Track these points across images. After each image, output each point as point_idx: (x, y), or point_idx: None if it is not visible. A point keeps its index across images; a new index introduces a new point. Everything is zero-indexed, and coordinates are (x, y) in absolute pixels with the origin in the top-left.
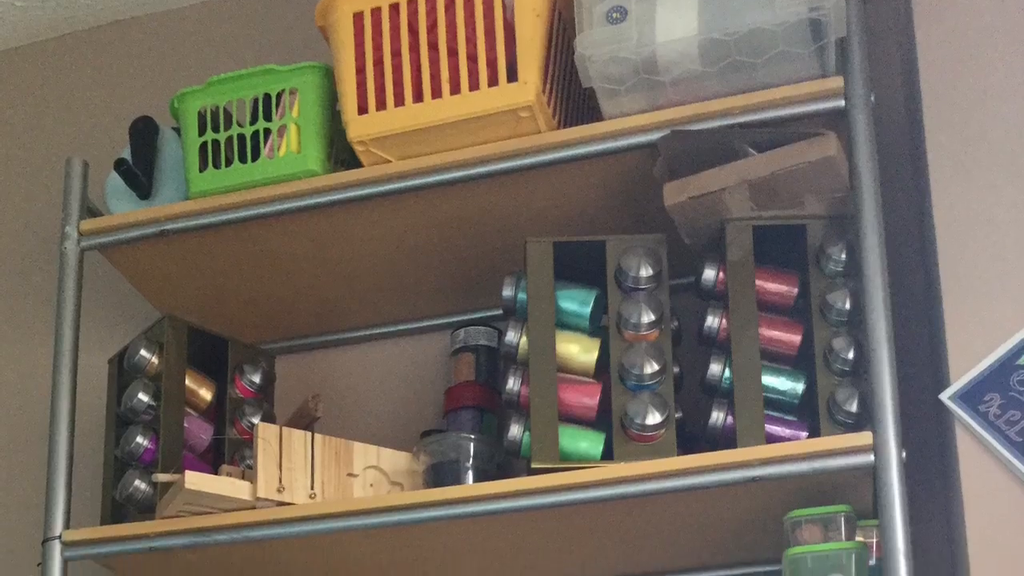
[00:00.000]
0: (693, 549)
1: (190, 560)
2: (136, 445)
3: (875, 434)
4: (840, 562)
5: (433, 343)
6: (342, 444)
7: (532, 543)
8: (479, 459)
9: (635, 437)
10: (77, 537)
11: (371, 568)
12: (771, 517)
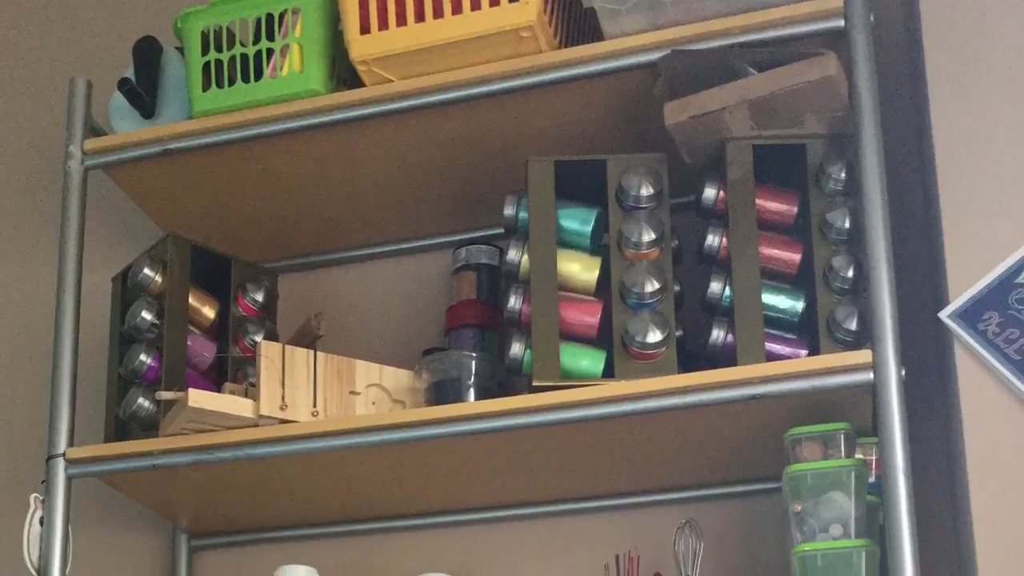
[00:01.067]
0: (693, 466)
1: (193, 477)
2: (139, 363)
3: (874, 352)
4: (840, 479)
5: (435, 262)
6: (344, 362)
7: (533, 460)
8: (480, 377)
9: (636, 355)
10: (81, 455)
11: (373, 485)
12: (771, 435)
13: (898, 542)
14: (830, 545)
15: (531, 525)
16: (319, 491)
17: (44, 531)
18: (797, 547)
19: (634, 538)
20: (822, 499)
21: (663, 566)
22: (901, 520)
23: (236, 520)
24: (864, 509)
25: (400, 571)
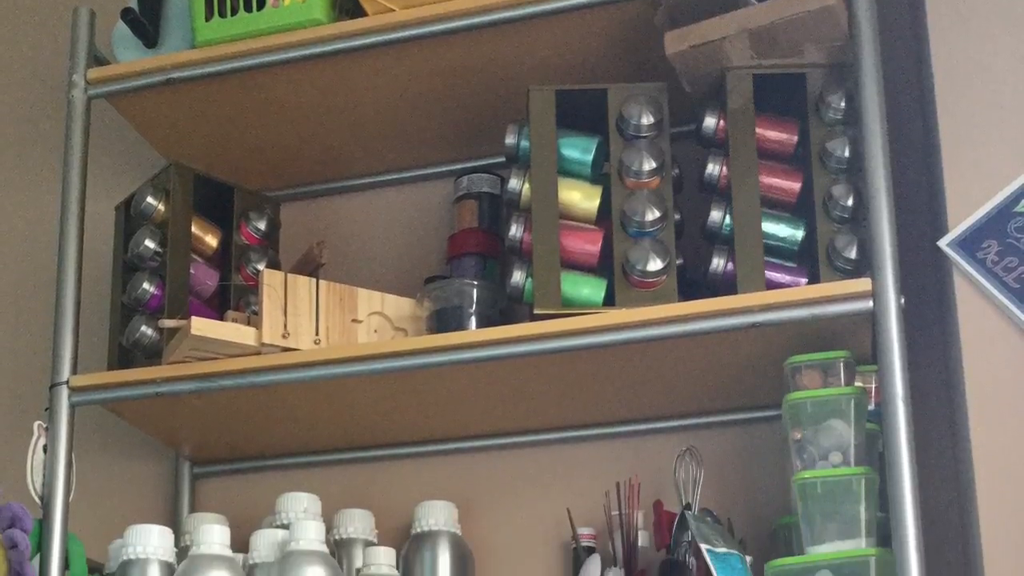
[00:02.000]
0: (694, 394)
1: (196, 405)
2: (143, 291)
3: (874, 280)
4: (839, 407)
5: (436, 190)
6: (346, 290)
7: (534, 388)
8: (482, 305)
9: (636, 283)
10: (84, 382)
11: (375, 413)
12: (771, 363)
13: (897, 469)
14: (830, 472)
15: (532, 452)
16: (321, 419)
17: (47, 458)
18: (797, 474)
19: (634, 465)
20: (822, 427)
21: (663, 493)
22: (900, 447)
23: (239, 447)
24: (864, 436)
25: (402, 498)
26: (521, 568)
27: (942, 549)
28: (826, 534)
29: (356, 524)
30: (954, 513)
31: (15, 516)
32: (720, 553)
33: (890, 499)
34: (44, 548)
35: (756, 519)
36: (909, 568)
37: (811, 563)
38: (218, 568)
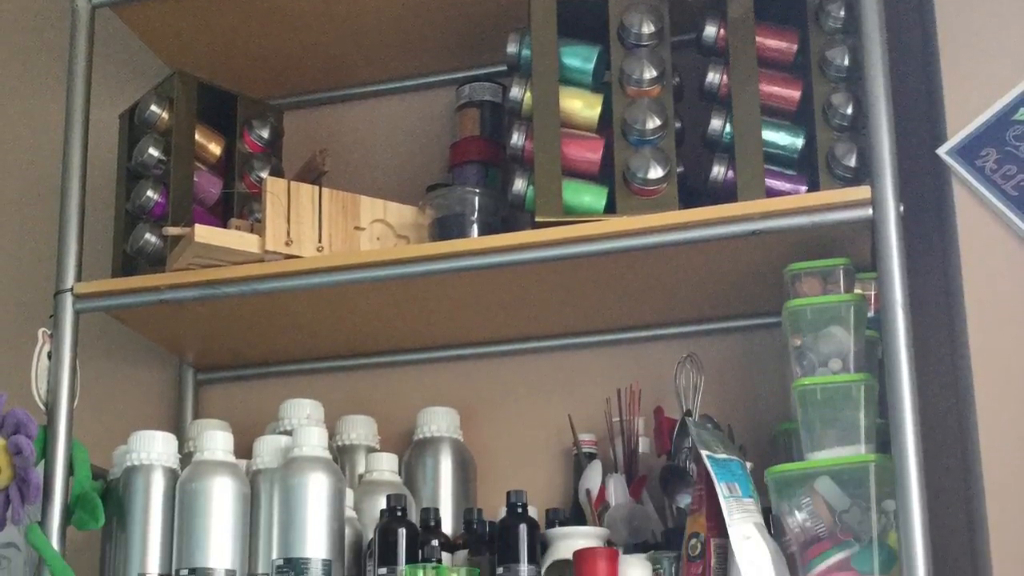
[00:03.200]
0: (694, 301)
1: (200, 312)
2: (146, 199)
3: (873, 188)
4: (839, 314)
5: (438, 99)
6: (349, 198)
7: (536, 295)
8: (484, 213)
9: (637, 191)
10: (88, 290)
11: (377, 320)
12: (771, 270)
13: (897, 376)
14: (829, 379)
15: (533, 359)
16: (324, 326)
17: (52, 365)
18: (797, 381)
19: (635, 372)
20: (821, 333)
21: (664, 400)
22: (900, 354)
23: (242, 354)
24: (863, 343)
25: (404, 405)
26: (523, 474)
27: (941, 455)
28: (826, 440)
29: (358, 430)
30: (953, 419)
31: (20, 422)
32: (720, 459)
33: (889, 405)
34: (48, 454)
35: (756, 425)
36: (908, 474)
37: (811, 469)
38: (221, 474)
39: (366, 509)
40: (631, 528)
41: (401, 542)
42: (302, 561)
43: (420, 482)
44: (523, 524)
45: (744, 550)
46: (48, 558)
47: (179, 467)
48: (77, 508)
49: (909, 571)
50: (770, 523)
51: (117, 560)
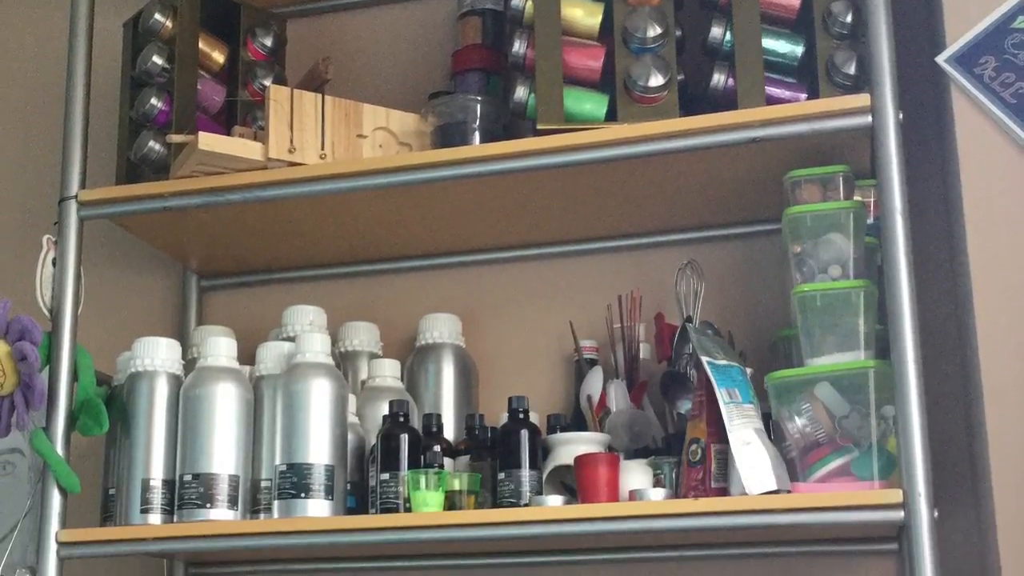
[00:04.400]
0: (695, 208)
1: (203, 219)
2: (151, 107)
3: (872, 96)
4: (838, 220)
5: (441, 7)
6: (352, 106)
7: (537, 202)
8: (486, 120)
9: (638, 99)
10: (92, 197)
11: (380, 227)
12: (771, 177)
13: (896, 282)
14: (829, 285)
15: (535, 266)
16: (327, 233)
17: (56, 272)
18: (796, 287)
19: (636, 279)
20: (821, 240)
21: (665, 306)
22: (899, 260)
23: (245, 261)
24: (862, 250)
25: (406, 311)
26: (524, 380)
27: (940, 361)
28: (825, 346)
29: (361, 336)
30: (952, 326)
31: (24, 329)
32: (720, 365)
33: (888, 312)
34: (53, 360)
35: (756, 331)
36: (907, 380)
37: (810, 375)
38: (225, 380)
39: (368, 415)
40: (632, 434)
41: (403, 448)
42: (305, 466)
43: (422, 388)
44: (524, 430)
45: (744, 455)
46: (52, 463)
47: (183, 373)
48: (81, 414)
49: (908, 476)
50: (770, 429)
51: (121, 465)
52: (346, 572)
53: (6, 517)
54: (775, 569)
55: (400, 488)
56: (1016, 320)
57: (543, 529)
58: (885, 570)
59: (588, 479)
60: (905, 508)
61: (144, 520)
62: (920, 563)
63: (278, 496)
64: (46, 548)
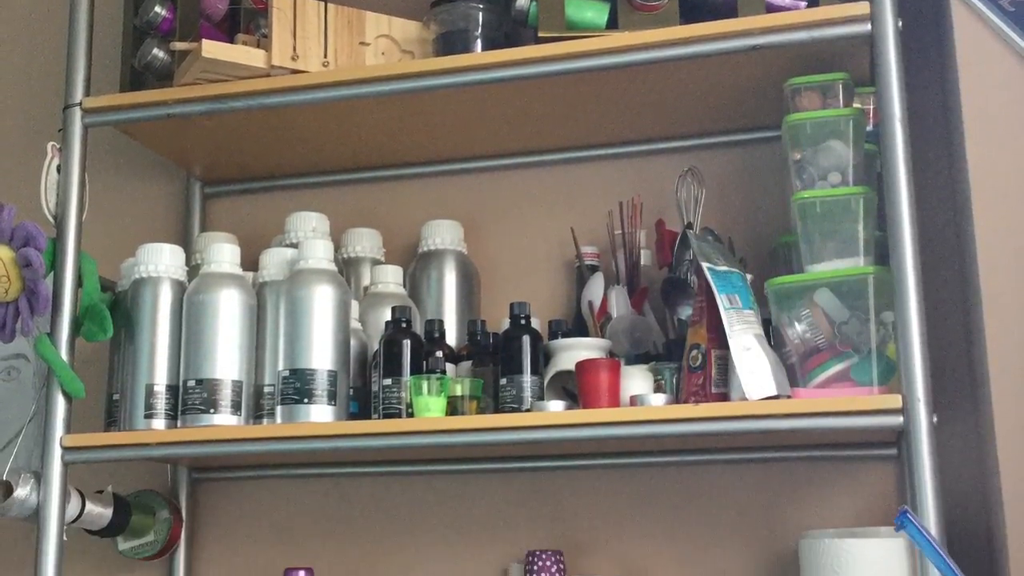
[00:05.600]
0: (695, 116)
1: (207, 126)
2: (154, 15)
3: (872, 3)
4: (838, 128)
5: None
6: (354, 13)
7: (538, 110)
8: (488, 28)
9: (639, 7)
10: (97, 104)
11: (382, 134)
12: (771, 85)
13: (895, 189)
14: (829, 192)
15: (536, 173)
16: (330, 140)
17: (61, 179)
18: (796, 194)
19: (637, 185)
20: (821, 147)
21: (665, 212)
22: (898, 167)
23: (248, 168)
24: (862, 157)
25: (408, 217)
26: (526, 286)
27: (938, 268)
28: (825, 253)
29: (364, 243)
30: (951, 232)
31: (29, 235)
32: (721, 271)
33: (888, 218)
34: (57, 266)
35: (756, 238)
36: (906, 285)
37: (810, 281)
38: (228, 286)
39: (371, 321)
40: (633, 339)
41: (406, 353)
42: (308, 372)
43: (424, 294)
44: (526, 335)
45: (744, 361)
46: (57, 369)
47: (186, 279)
48: (86, 319)
49: (907, 381)
50: (770, 334)
51: (125, 371)
52: (348, 477)
53: (11, 423)
54: (775, 474)
55: (402, 393)
56: (1014, 226)
57: (544, 434)
58: (884, 475)
59: (589, 384)
60: (904, 413)
61: (148, 425)
62: (919, 468)
63: (281, 401)
64: (50, 453)
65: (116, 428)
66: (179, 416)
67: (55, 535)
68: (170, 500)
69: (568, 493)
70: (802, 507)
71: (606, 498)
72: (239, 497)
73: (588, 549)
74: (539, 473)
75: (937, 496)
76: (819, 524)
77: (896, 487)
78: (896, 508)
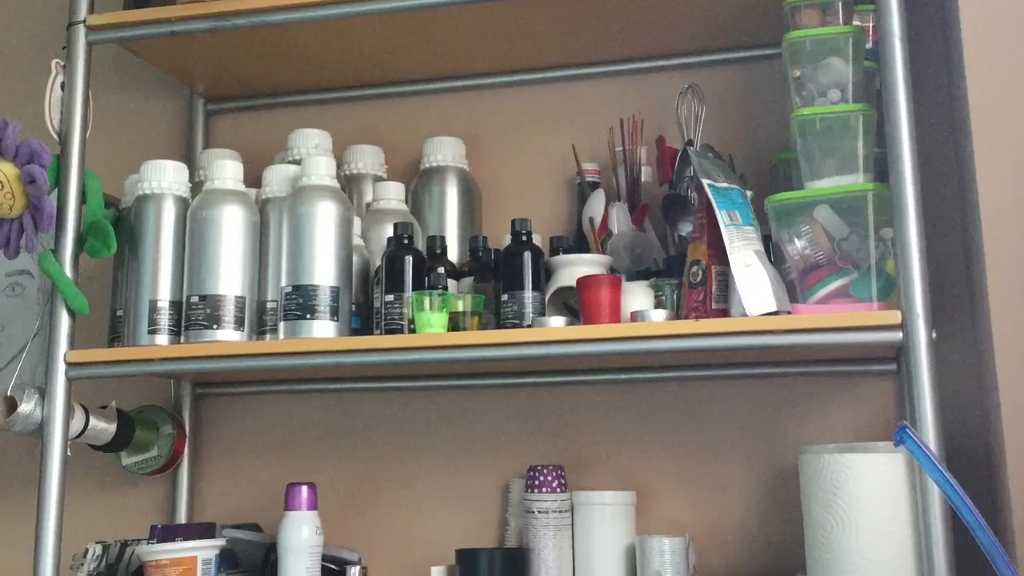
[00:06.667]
0: (696, 33)
1: (210, 44)
2: None
3: None
4: (838, 45)
5: None
6: None
7: (540, 27)
8: None
9: None
10: (101, 21)
11: (385, 51)
12: (771, 2)
13: (894, 106)
14: (828, 109)
15: (538, 90)
16: (332, 57)
17: (65, 96)
18: (796, 111)
19: (638, 102)
20: (821, 64)
21: (666, 130)
22: (897, 84)
23: (251, 85)
24: (861, 74)
25: (410, 134)
26: (527, 202)
27: (937, 184)
28: (824, 169)
29: (366, 160)
30: (950, 149)
31: (33, 152)
32: (721, 187)
33: (887, 135)
34: (61, 183)
35: (756, 155)
36: (906, 202)
37: (810, 197)
38: (231, 202)
39: (373, 237)
40: (634, 255)
41: (407, 269)
42: (310, 288)
43: (426, 210)
44: (527, 252)
45: (744, 277)
46: (61, 285)
47: (190, 196)
48: (89, 236)
49: (906, 297)
50: (770, 251)
51: (129, 287)
52: (350, 392)
53: (15, 338)
54: (775, 389)
55: (404, 309)
56: (1013, 142)
57: (545, 350)
58: (884, 390)
59: (590, 300)
60: (904, 329)
61: (151, 341)
62: (918, 383)
63: (284, 317)
64: (54, 369)
65: (120, 344)
66: (182, 332)
67: (59, 450)
68: (173, 415)
69: (569, 409)
70: (802, 422)
71: (607, 414)
72: (242, 412)
73: (589, 464)
74: (540, 389)
75: (936, 411)
76: (819, 439)
77: (895, 402)
78: (895, 423)
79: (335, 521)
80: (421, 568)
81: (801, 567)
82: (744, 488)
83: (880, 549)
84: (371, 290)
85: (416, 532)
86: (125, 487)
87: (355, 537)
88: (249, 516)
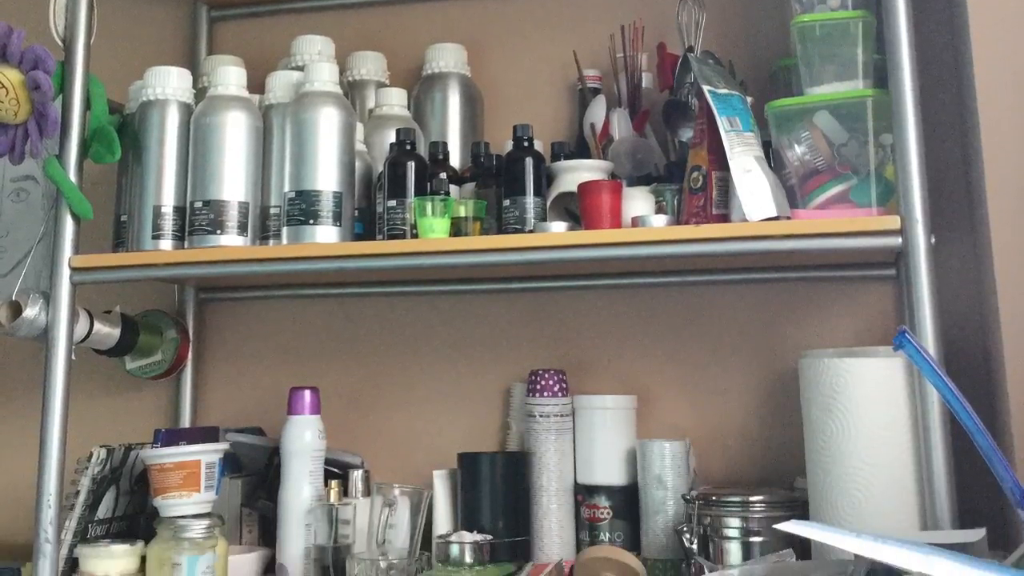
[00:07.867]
0: None
1: None
2: None
3: None
4: None
5: None
6: None
7: None
8: None
9: None
10: None
11: None
12: None
13: (893, 11)
14: (828, 16)
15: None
16: None
17: (69, 2)
18: (796, 17)
19: (638, 9)
20: None
21: (667, 36)
22: None
23: None
24: None
25: (413, 41)
26: (529, 108)
27: (936, 90)
28: (824, 75)
29: (369, 66)
30: (949, 55)
31: (38, 58)
32: (721, 93)
33: (886, 41)
34: (66, 89)
35: (756, 61)
36: (905, 108)
37: (810, 104)
38: (235, 108)
39: (376, 143)
40: (635, 161)
41: (410, 175)
42: (313, 193)
43: (428, 116)
44: (529, 157)
45: (745, 182)
46: (65, 190)
47: (193, 102)
48: (94, 141)
49: (906, 203)
50: (770, 156)
51: (133, 193)
52: (353, 297)
53: (20, 243)
54: (775, 294)
55: (407, 214)
56: (1012, 47)
57: (547, 255)
58: (883, 295)
59: (591, 206)
60: (903, 234)
61: (155, 246)
62: (917, 288)
63: (287, 222)
64: (59, 274)
65: (124, 249)
66: (186, 237)
67: (64, 355)
68: (177, 320)
69: (570, 313)
70: (802, 327)
71: (608, 318)
72: (245, 317)
73: (590, 368)
74: (541, 293)
75: (935, 316)
76: (819, 344)
77: (895, 307)
78: (895, 328)
79: (338, 425)
80: (423, 471)
81: (801, 471)
82: (744, 392)
83: (879, 453)
84: (373, 196)
85: (418, 436)
86: (129, 391)
87: (358, 441)
88: (252, 420)
